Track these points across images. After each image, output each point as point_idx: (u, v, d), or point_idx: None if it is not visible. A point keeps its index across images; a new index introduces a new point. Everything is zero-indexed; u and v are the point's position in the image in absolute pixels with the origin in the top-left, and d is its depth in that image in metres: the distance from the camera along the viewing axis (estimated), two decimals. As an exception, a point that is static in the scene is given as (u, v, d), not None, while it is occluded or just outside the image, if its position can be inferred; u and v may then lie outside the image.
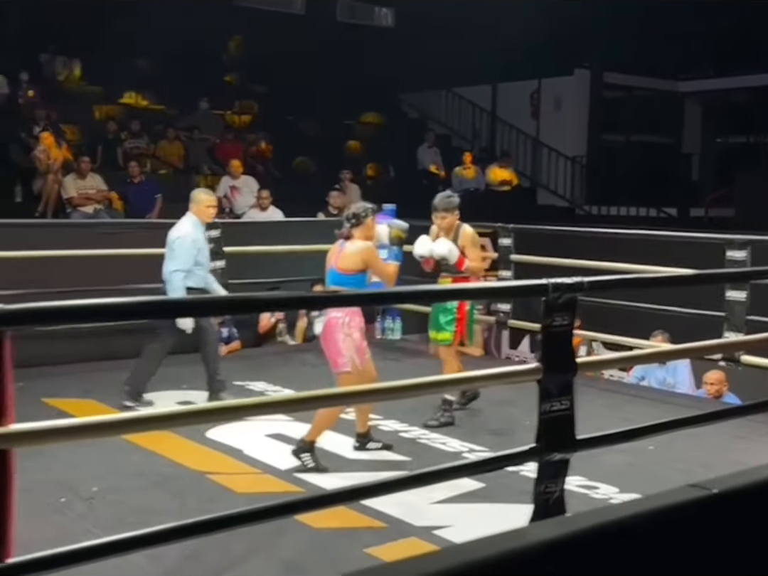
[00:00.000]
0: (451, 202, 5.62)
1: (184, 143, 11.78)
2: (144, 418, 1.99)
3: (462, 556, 0.94)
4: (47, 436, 1.90)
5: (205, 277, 6.07)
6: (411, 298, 4.04)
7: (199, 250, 5.93)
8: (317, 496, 3.23)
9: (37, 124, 10.39)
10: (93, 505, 4.11)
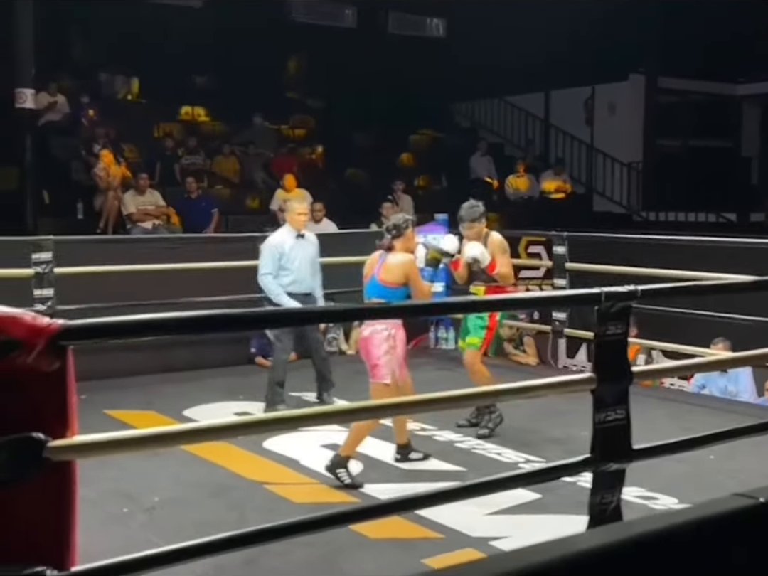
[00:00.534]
0: (475, 211, 5.60)
1: (239, 158, 11.94)
2: (201, 429, 2.04)
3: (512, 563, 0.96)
4: (108, 448, 1.96)
5: (293, 282, 6.30)
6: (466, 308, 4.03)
7: (282, 255, 6.27)
8: (374, 505, 3.25)
9: (96, 143, 10.63)
10: (154, 516, 4.19)
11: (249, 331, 7.13)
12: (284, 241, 6.34)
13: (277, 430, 3.80)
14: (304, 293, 6.30)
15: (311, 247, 6.46)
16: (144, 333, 1.89)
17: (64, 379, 1.85)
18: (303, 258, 6.35)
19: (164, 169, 11.19)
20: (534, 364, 8.29)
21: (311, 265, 6.40)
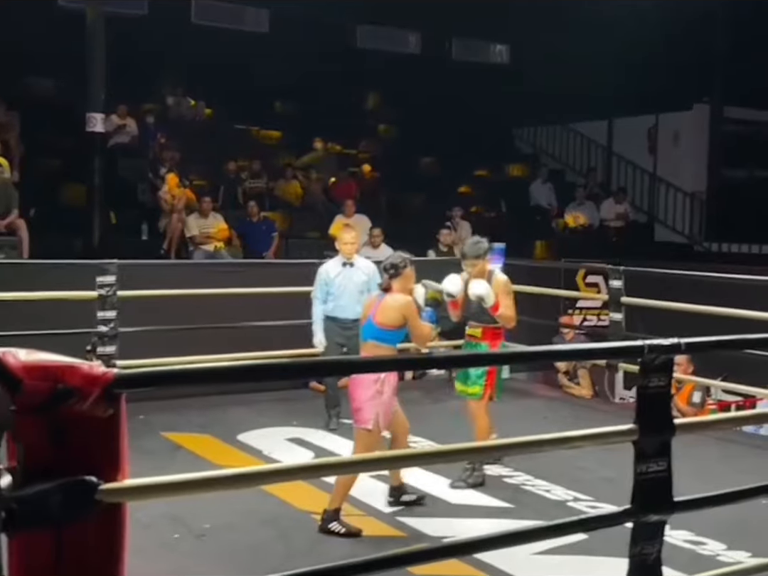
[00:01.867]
0: (479, 248, 5.45)
1: (301, 182, 12.12)
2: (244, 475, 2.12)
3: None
4: (156, 492, 2.05)
5: (336, 307, 6.56)
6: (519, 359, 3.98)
7: (327, 282, 6.59)
8: (431, 548, 3.25)
9: (163, 165, 10.91)
10: (204, 542, 4.29)
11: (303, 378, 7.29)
12: (331, 268, 6.67)
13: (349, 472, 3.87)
14: (351, 319, 6.35)
15: (361, 276, 6.62)
16: (196, 382, 1.98)
17: (117, 424, 1.94)
18: (348, 285, 6.57)
19: (227, 193, 11.42)
20: (588, 397, 8.24)
21: (359, 293, 6.51)
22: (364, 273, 6.64)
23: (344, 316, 6.52)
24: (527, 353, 3.15)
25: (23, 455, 1.84)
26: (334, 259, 6.81)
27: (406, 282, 4.82)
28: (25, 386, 1.78)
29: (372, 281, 6.53)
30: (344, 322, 6.51)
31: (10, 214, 9.17)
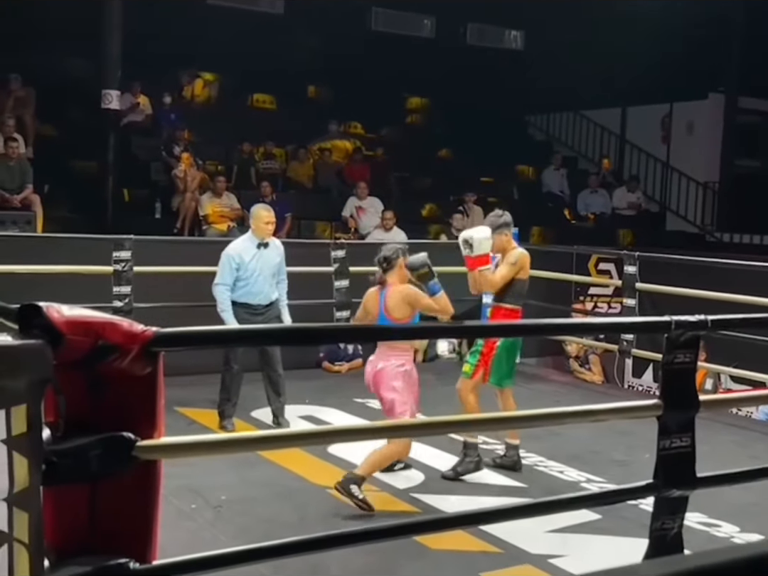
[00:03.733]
0: (495, 221, 5.09)
1: (314, 164, 12.12)
2: (280, 436, 2.14)
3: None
4: (193, 450, 2.07)
5: (248, 293, 5.96)
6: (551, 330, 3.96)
7: (238, 267, 5.93)
8: (438, 518, 3.32)
9: (177, 144, 10.91)
10: (221, 514, 4.32)
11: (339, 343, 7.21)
12: (243, 251, 6.00)
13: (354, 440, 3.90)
14: (264, 304, 6.01)
15: (275, 257, 6.09)
16: (231, 343, 2.00)
17: (154, 382, 1.96)
18: (263, 269, 6.00)
19: (241, 173, 11.42)
20: (599, 383, 8.25)
21: (272, 276, 6.06)
22: (278, 254, 6.13)
23: (256, 301, 5.99)
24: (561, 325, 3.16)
25: (64, 409, 1.86)
26: (242, 241, 6.10)
27: (402, 271, 4.70)
28: (66, 341, 1.80)
29: (282, 262, 6.12)
30: (256, 308, 6.00)
31: (24, 190, 9.20)
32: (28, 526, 1.71)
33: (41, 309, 1.76)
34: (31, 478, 1.72)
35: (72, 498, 1.93)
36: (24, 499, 1.70)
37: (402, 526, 2.93)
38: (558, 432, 5.72)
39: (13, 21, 10.88)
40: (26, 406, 1.69)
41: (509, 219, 5.14)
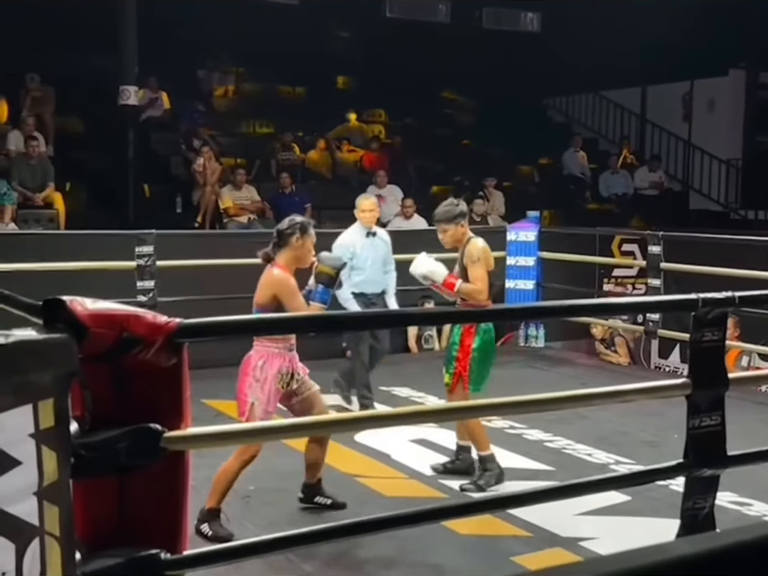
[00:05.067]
0: (450, 211, 4.66)
1: (332, 154, 12.11)
2: (305, 424, 2.14)
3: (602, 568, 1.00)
4: (220, 439, 2.07)
5: (363, 282, 6.06)
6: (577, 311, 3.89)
7: (353, 255, 5.96)
8: (466, 503, 3.32)
9: (196, 138, 10.94)
10: (249, 504, 4.33)
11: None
12: (356, 240, 6.08)
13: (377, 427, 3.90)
14: (377, 293, 6.12)
15: (383, 246, 6.18)
16: (253, 332, 1.99)
17: (179, 374, 1.96)
18: (374, 257, 6.10)
19: (261, 165, 11.44)
20: (625, 364, 8.20)
21: (383, 264, 6.16)
22: (385, 242, 6.22)
23: (371, 290, 6.10)
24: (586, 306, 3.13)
25: (91, 402, 1.87)
26: (350, 231, 6.17)
27: (295, 252, 3.98)
28: (91, 334, 1.80)
29: (389, 252, 6.20)
30: (371, 297, 6.09)
31: (46, 188, 9.27)
32: (58, 519, 1.71)
33: (65, 303, 1.76)
34: (61, 471, 1.73)
35: (101, 490, 1.94)
36: (54, 492, 1.71)
37: (430, 511, 2.92)
38: (585, 415, 5.69)
39: (29, 21, 10.92)
40: (53, 400, 1.69)
41: (465, 209, 4.79)
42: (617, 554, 0.98)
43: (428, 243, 8.42)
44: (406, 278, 8.19)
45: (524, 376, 7.28)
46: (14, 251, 6.96)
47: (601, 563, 0.98)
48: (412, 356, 8.45)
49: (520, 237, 8.53)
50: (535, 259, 8.44)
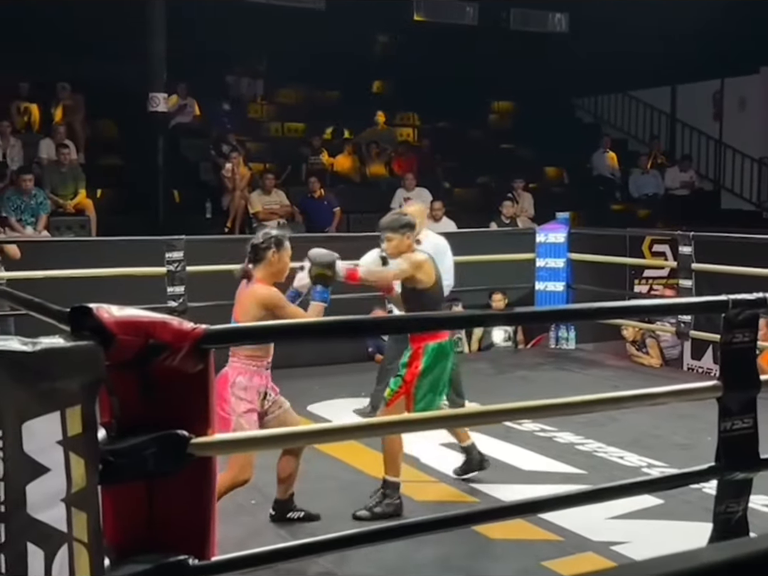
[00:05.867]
0: (397, 220, 4.44)
1: (361, 157, 12.12)
2: (331, 429, 2.13)
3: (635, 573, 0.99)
4: (246, 445, 2.07)
5: None
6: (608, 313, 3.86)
7: None
8: (498, 507, 3.30)
9: (225, 144, 11.00)
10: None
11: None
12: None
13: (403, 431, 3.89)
14: None
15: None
16: (278, 337, 1.99)
17: (205, 380, 1.97)
18: None
19: (290, 169, 11.49)
20: (657, 366, 8.12)
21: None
22: (432, 252, 6.09)
23: None
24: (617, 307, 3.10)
25: (118, 409, 1.88)
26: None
27: (271, 268, 3.89)
28: (118, 341, 1.81)
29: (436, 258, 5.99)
30: None
31: (77, 195, 9.37)
32: (86, 525, 1.73)
33: (92, 310, 1.78)
34: (89, 478, 1.74)
35: (129, 497, 1.95)
36: (82, 499, 1.72)
37: (461, 516, 2.92)
38: (617, 417, 5.64)
39: (58, 30, 11.06)
40: (80, 407, 1.70)
41: (413, 221, 4.52)
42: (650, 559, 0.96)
43: (458, 245, 8.46)
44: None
45: (555, 379, 7.25)
46: (47, 258, 7.04)
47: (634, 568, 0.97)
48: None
49: (550, 238, 8.48)
50: (564, 261, 8.39)
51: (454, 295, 8.29)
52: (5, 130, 9.77)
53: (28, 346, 1.59)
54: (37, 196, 8.65)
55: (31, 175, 8.76)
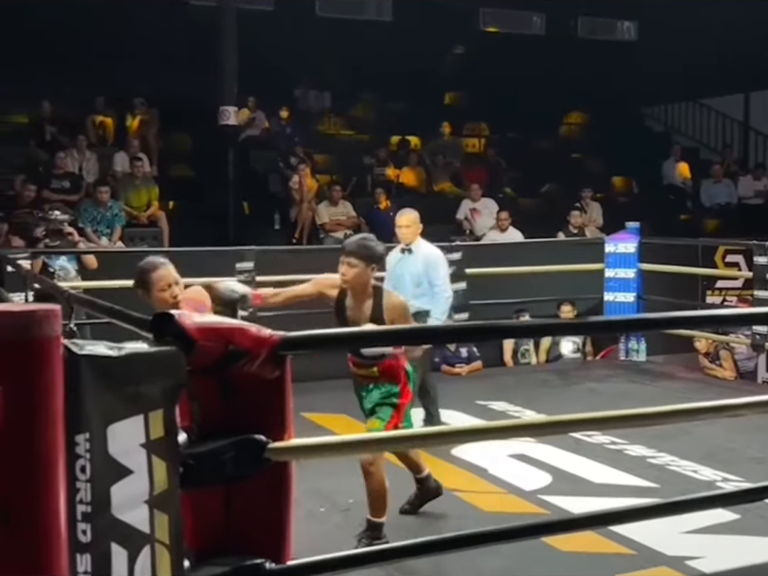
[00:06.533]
0: (367, 247, 3.95)
1: (426, 168, 12.15)
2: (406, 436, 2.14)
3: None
4: (323, 451, 2.10)
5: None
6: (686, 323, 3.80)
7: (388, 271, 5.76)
8: (568, 519, 3.26)
9: (293, 156, 11.14)
10: (349, 516, 4.36)
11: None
12: (392, 255, 5.78)
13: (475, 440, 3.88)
14: None
15: (418, 265, 5.75)
16: (355, 344, 2.01)
17: (283, 385, 1.99)
18: (404, 275, 5.70)
19: (356, 181, 11.57)
20: (731, 379, 7.94)
21: (414, 286, 5.69)
22: (422, 262, 5.75)
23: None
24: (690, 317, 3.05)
25: (198, 414, 1.91)
26: (396, 247, 5.94)
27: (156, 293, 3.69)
28: (199, 347, 1.85)
29: (429, 271, 5.73)
30: None
31: (150, 206, 9.58)
32: (168, 527, 1.76)
33: (174, 317, 1.82)
34: (170, 480, 1.77)
35: (208, 500, 1.98)
36: (163, 501, 1.76)
37: (531, 526, 2.88)
38: (689, 430, 5.53)
39: (132, 46, 11.34)
40: (163, 411, 1.74)
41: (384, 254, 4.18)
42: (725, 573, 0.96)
43: (524, 256, 8.44)
44: (500, 292, 8.22)
45: (625, 391, 7.15)
46: (121, 268, 7.20)
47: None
48: (508, 370, 8.38)
49: (620, 249, 8.38)
50: (635, 271, 8.28)
51: (521, 306, 8.26)
52: (81, 144, 10.05)
53: (114, 350, 1.63)
54: (113, 208, 8.88)
55: (107, 187, 9.00)
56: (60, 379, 1.46)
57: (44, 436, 1.41)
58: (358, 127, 13.15)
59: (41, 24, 10.89)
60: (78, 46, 11.11)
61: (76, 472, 1.53)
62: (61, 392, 1.46)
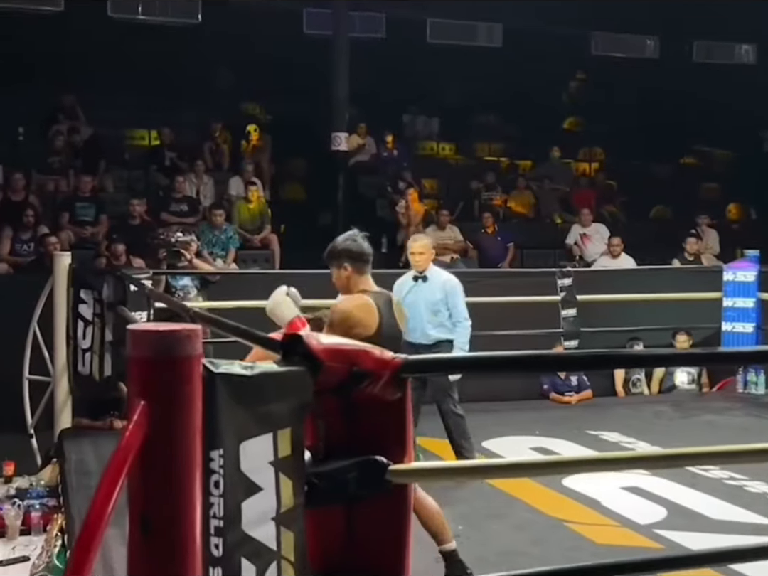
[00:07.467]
0: (330, 248, 3.78)
1: (534, 192, 12.07)
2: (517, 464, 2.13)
3: None
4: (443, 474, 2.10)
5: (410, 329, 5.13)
6: None
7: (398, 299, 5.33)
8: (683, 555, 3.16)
9: (401, 180, 11.23)
10: (459, 543, 4.32)
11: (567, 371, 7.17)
12: (403, 283, 5.59)
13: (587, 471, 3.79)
14: (423, 344, 5.43)
15: (435, 293, 5.52)
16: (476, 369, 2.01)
17: (404, 408, 2.01)
18: (418, 303, 5.43)
19: (464, 206, 11.59)
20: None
21: (432, 314, 5.50)
22: (440, 290, 5.54)
23: (413, 339, 5.33)
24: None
25: (323, 433, 1.95)
26: (408, 273, 5.73)
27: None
28: (325, 368, 1.88)
29: (449, 298, 5.51)
30: (417, 348, 5.36)
31: (263, 230, 9.80)
32: (293, 544, 1.79)
33: (302, 338, 1.86)
34: (296, 498, 1.81)
35: (330, 519, 2.00)
36: (289, 518, 1.79)
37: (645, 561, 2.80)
38: (813, 467, 5.30)
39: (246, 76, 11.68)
40: (290, 430, 1.78)
41: (353, 249, 3.75)
42: None
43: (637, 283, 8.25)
44: (611, 319, 8.05)
45: (744, 424, 6.89)
46: (236, 290, 7.39)
47: None
48: (619, 399, 8.19)
49: (738, 277, 8.11)
50: (755, 301, 8.00)
51: (635, 334, 8.07)
52: (199, 169, 10.38)
53: (247, 370, 1.68)
54: (227, 231, 9.13)
55: (222, 210, 9.26)
56: (199, 397, 1.51)
57: (184, 451, 1.46)
58: (465, 151, 13.17)
59: (161, 54, 11.35)
60: (196, 75, 11.53)
61: (210, 487, 1.58)
62: (200, 409, 1.51)
